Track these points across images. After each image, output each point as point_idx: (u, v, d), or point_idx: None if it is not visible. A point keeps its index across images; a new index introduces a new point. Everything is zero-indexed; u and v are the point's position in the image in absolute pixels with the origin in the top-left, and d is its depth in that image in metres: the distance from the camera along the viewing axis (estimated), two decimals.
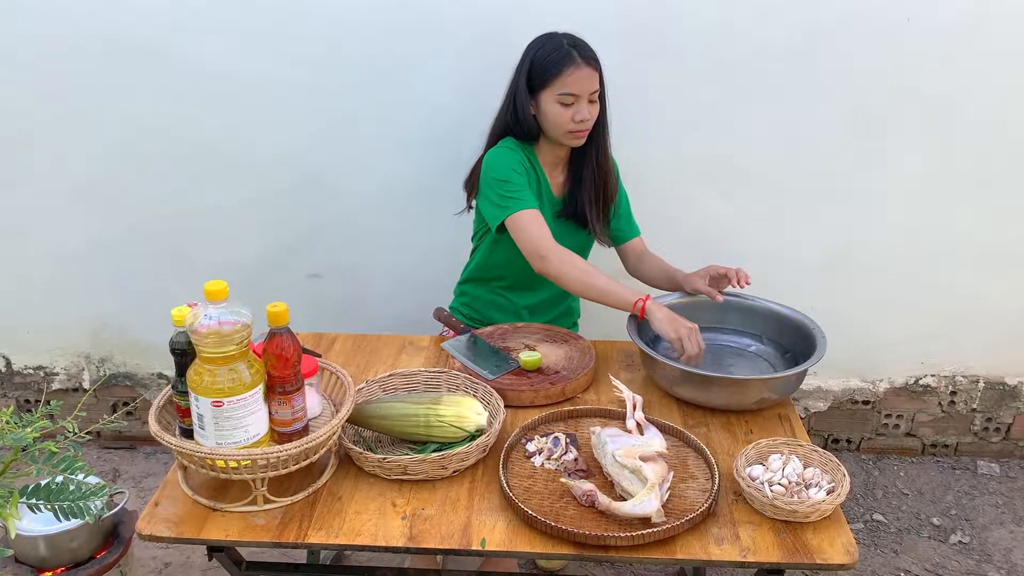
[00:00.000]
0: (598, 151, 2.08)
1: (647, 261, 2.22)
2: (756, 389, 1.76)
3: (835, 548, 1.41)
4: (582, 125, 1.98)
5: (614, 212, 2.20)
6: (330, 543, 1.43)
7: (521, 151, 2.07)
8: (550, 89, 1.96)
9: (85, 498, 1.18)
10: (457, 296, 2.32)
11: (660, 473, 1.48)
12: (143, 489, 2.74)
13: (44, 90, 2.46)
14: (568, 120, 1.97)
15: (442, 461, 1.53)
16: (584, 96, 1.95)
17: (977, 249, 2.63)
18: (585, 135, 2.01)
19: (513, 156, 2.04)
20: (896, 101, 2.43)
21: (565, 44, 1.96)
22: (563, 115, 1.97)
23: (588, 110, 1.97)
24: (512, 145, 2.07)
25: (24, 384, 2.93)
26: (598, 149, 2.08)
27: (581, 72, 1.94)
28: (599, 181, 2.11)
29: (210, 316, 1.37)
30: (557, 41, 1.97)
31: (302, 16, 2.35)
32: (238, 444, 1.43)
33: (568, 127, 1.98)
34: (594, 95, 1.97)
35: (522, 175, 2.03)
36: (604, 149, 2.09)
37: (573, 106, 1.96)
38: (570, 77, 1.94)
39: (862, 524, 2.65)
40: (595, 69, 1.97)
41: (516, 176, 2.01)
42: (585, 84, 1.94)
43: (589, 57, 1.96)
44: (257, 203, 2.59)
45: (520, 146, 2.08)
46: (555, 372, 1.90)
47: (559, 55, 1.95)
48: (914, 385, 2.87)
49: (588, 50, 1.98)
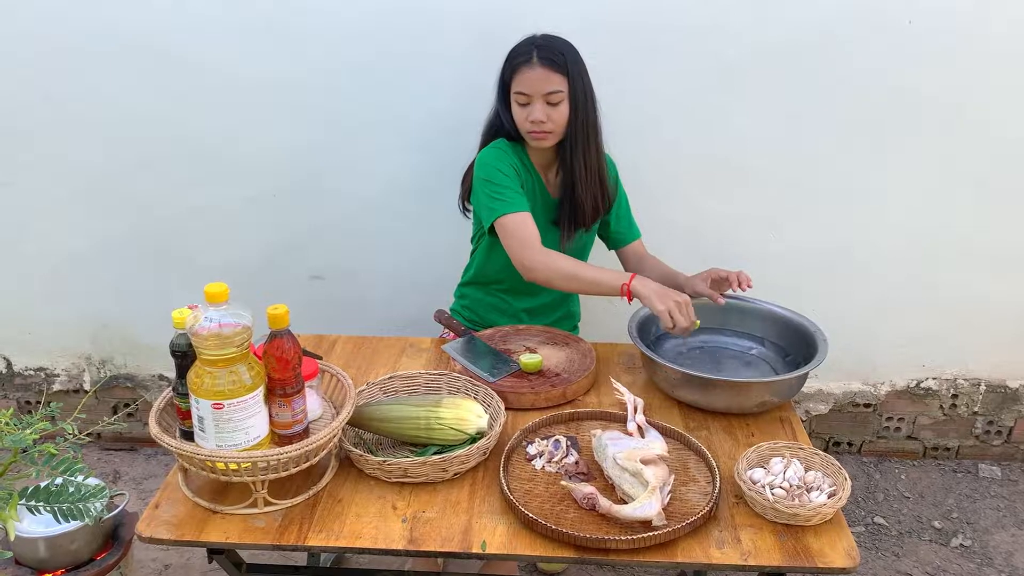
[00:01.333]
0: (585, 154, 2.01)
1: (647, 263, 2.21)
2: (757, 392, 1.76)
3: (836, 551, 1.41)
4: (536, 126, 1.94)
5: (614, 215, 2.19)
6: (330, 546, 1.43)
7: (513, 152, 2.06)
8: (512, 88, 1.96)
9: (85, 500, 1.18)
10: (457, 299, 2.32)
11: (661, 476, 1.48)
12: (144, 491, 2.74)
13: (44, 90, 2.46)
14: (524, 120, 1.96)
15: (442, 464, 1.53)
16: (537, 96, 1.92)
17: (979, 251, 2.63)
18: (545, 136, 1.97)
19: (501, 156, 2.04)
20: (897, 102, 2.43)
21: (532, 43, 1.94)
22: (520, 114, 1.96)
23: (543, 111, 1.93)
24: (503, 146, 2.06)
25: (25, 385, 2.93)
26: (584, 152, 2.01)
27: (533, 72, 1.91)
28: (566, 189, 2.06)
29: (210, 318, 1.36)
30: (528, 41, 1.96)
31: (302, 17, 2.35)
32: (238, 446, 1.43)
33: (525, 127, 1.97)
34: (553, 96, 1.92)
35: (509, 175, 2.02)
36: (590, 151, 2.02)
37: (527, 106, 1.94)
38: (523, 76, 1.93)
39: (863, 527, 2.65)
40: (553, 70, 1.91)
41: (502, 176, 2.00)
42: (537, 84, 1.91)
43: (547, 58, 1.91)
44: (258, 204, 2.59)
45: (512, 147, 2.07)
46: (556, 374, 1.89)
47: (518, 54, 1.95)
48: (915, 388, 2.87)
49: (552, 51, 1.93)
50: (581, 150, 2.01)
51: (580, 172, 2.03)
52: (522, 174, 2.06)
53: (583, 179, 2.04)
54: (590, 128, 2.01)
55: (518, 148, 2.09)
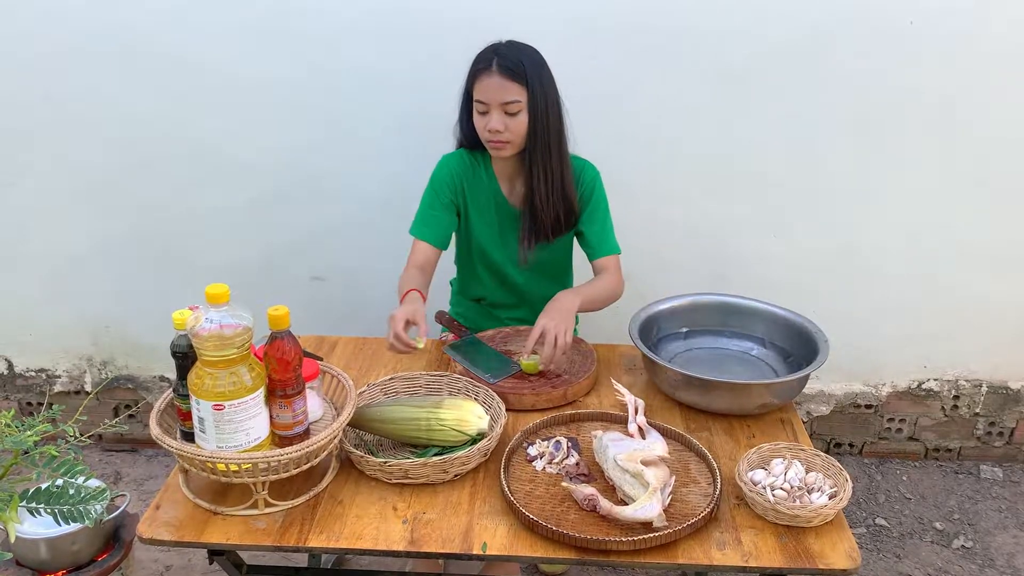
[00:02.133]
0: (545, 165, 1.96)
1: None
2: (758, 393, 1.76)
3: (837, 553, 1.41)
4: (494, 136, 1.91)
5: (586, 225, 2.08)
6: (331, 547, 1.43)
7: (468, 163, 2.06)
8: (473, 95, 1.93)
9: (85, 502, 1.18)
10: (452, 306, 2.33)
11: (662, 477, 1.48)
12: (144, 492, 2.74)
13: (45, 91, 2.46)
14: (483, 129, 1.92)
15: (443, 465, 1.53)
16: (494, 105, 1.88)
17: (980, 251, 2.63)
18: (503, 146, 1.93)
19: (440, 173, 2.06)
20: (897, 102, 2.43)
21: (493, 50, 1.91)
22: (479, 122, 1.93)
23: (501, 121, 1.89)
24: (452, 160, 2.06)
25: (26, 386, 2.93)
26: (545, 163, 1.96)
27: (491, 80, 1.87)
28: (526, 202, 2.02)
29: (211, 319, 1.36)
30: (490, 48, 1.92)
31: (302, 18, 2.35)
32: (239, 448, 1.43)
33: (484, 136, 1.93)
34: (511, 106, 1.88)
35: (439, 193, 2.04)
36: (551, 161, 1.96)
37: (486, 115, 1.90)
38: (481, 84, 1.89)
39: (864, 528, 2.65)
40: (511, 79, 1.87)
41: (431, 196, 2.06)
42: (494, 93, 1.87)
43: (506, 67, 1.87)
44: (258, 205, 2.60)
45: (471, 156, 2.06)
46: (557, 376, 1.89)
47: (478, 61, 1.92)
48: (917, 389, 2.87)
49: (511, 60, 1.88)
50: (541, 160, 1.96)
51: (540, 183, 1.98)
52: (468, 187, 2.05)
53: (542, 191, 1.99)
54: (551, 138, 1.95)
55: (478, 157, 2.07)
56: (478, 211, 2.10)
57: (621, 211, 2.23)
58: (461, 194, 2.08)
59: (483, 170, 2.07)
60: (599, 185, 2.08)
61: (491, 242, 2.12)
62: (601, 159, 2.17)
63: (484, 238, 2.12)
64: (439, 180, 2.07)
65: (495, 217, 2.09)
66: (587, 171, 2.07)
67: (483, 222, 2.10)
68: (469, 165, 2.07)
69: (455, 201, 2.08)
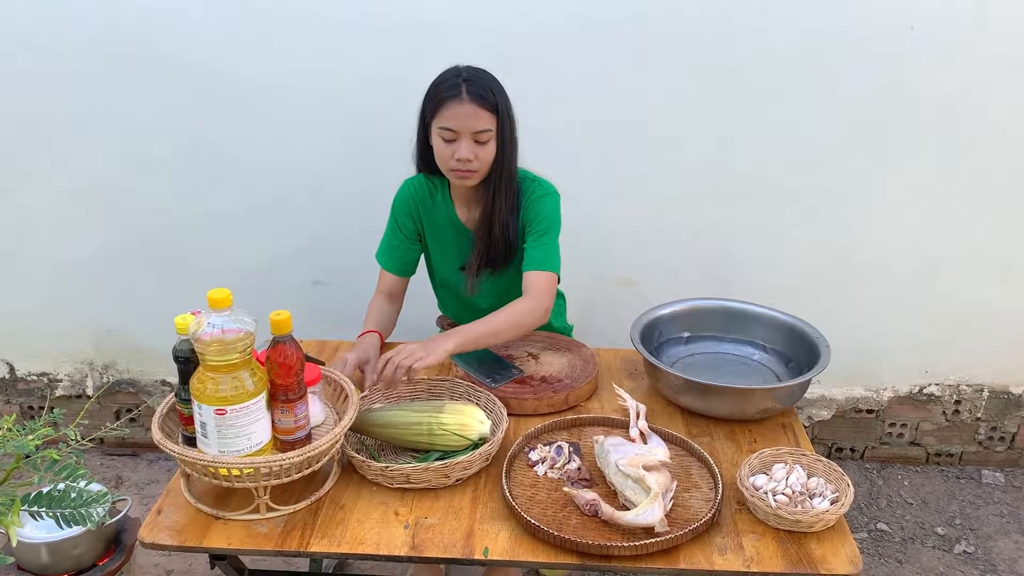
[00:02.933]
0: (507, 192, 1.93)
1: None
2: (760, 398, 1.76)
3: (839, 558, 1.40)
4: (462, 165, 1.84)
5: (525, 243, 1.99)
6: (332, 552, 1.43)
7: (425, 189, 2.04)
8: (435, 121, 1.85)
9: (87, 505, 1.18)
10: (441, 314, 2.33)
11: (663, 482, 1.48)
12: (146, 496, 2.74)
13: (47, 95, 2.47)
14: (449, 157, 1.85)
15: (445, 470, 1.53)
16: (464, 133, 1.82)
17: (981, 256, 2.63)
18: (471, 175, 1.87)
19: (400, 203, 2.06)
20: (898, 107, 2.43)
21: (460, 76, 1.83)
22: (444, 150, 1.86)
23: (471, 149, 1.83)
24: (412, 184, 2.05)
25: (28, 390, 2.93)
26: (507, 191, 1.92)
27: (463, 108, 1.80)
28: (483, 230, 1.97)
29: (213, 324, 1.37)
30: (454, 71, 1.86)
31: (304, 24, 2.36)
32: (241, 452, 1.43)
33: (449, 164, 1.86)
34: (481, 135, 1.82)
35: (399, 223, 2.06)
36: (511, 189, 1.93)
37: (453, 143, 1.84)
38: (449, 111, 1.81)
39: (866, 534, 2.64)
40: (483, 107, 1.81)
41: (392, 226, 2.08)
42: (466, 121, 1.81)
43: (477, 94, 1.80)
44: (260, 210, 2.60)
45: (428, 181, 2.04)
46: (558, 380, 1.89)
47: (445, 87, 1.83)
48: (918, 394, 2.86)
49: (481, 87, 1.82)
50: (504, 189, 1.93)
51: (500, 210, 1.94)
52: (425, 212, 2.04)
53: (502, 217, 1.95)
54: (513, 165, 1.93)
55: (436, 182, 2.04)
56: (434, 236, 2.08)
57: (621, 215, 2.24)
58: (418, 220, 2.06)
59: (440, 195, 2.04)
60: (549, 203, 1.99)
61: (449, 268, 2.10)
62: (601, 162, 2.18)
63: (441, 263, 2.11)
64: (398, 208, 2.06)
65: (452, 242, 2.06)
66: (536, 189, 1.99)
67: (440, 247, 2.09)
68: (427, 191, 2.04)
69: (416, 228, 2.07)
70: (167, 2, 2.33)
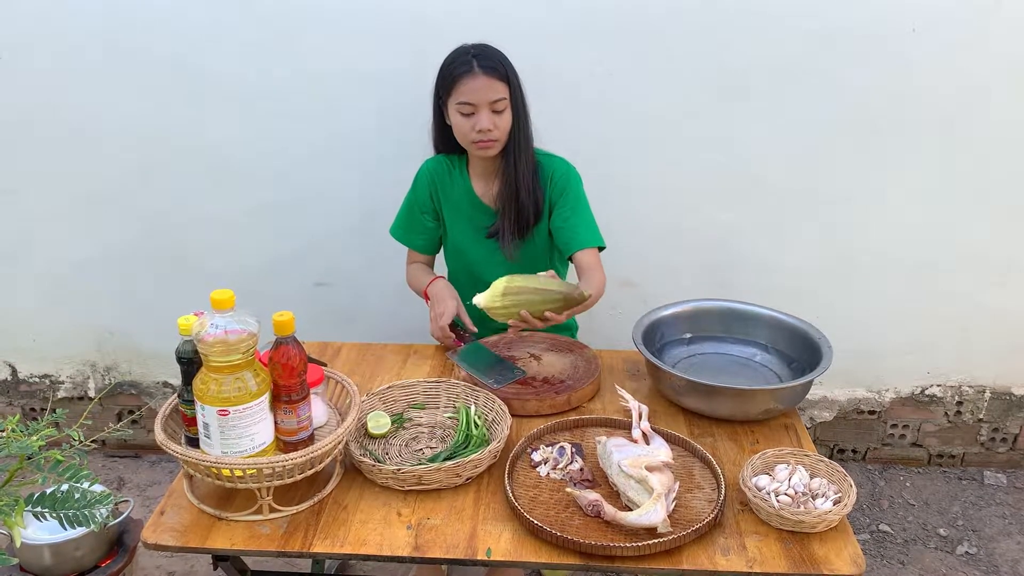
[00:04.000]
0: (526, 159, 2.02)
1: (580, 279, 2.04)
2: (762, 399, 1.76)
3: (842, 559, 1.40)
4: (483, 135, 1.94)
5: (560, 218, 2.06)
6: (335, 552, 1.43)
7: (444, 169, 2.12)
8: (452, 99, 1.95)
9: (90, 506, 1.18)
10: None
11: (666, 483, 1.48)
12: (147, 498, 2.74)
13: (49, 99, 2.47)
14: (470, 130, 1.94)
15: (456, 469, 1.53)
16: (483, 105, 1.91)
17: (983, 258, 2.63)
18: (492, 144, 1.97)
19: (418, 184, 2.14)
20: (899, 109, 2.43)
21: (469, 53, 1.93)
22: (464, 125, 1.95)
23: (490, 120, 1.93)
24: (431, 163, 2.13)
25: (30, 392, 2.93)
26: (526, 157, 2.02)
27: (477, 81, 1.90)
28: (510, 196, 2.04)
29: (216, 325, 1.37)
30: (463, 50, 1.96)
31: (305, 27, 2.36)
32: (244, 453, 1.43)
33: (471, 137, 1.95)
34: (497, 104, 1.92)
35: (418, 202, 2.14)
36: (529, 155, 2.03)
37: (473, 116, 1.93)
38: (466, 86, 1.91)
39: (868, 535, 2.64)
40: (496, 78, 1.91)
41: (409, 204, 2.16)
42: (482, 93, 1.91)
43: (488, 66, 1.91)
44: (262, 212, 2.60)
45: (447, 161, 2.12)
46: (560, 381, 1.89)
47: (457, 64, 1.93)
48: (920, 395, 2.86)
49: (491, 59, 1.93)
50: (524, 156, 2.02)
51: (524, 177, 2.02)
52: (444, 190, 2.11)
53: (527, 183, 2.03)
54: (529, 132, 2.03)
55: (453, 160, 2.12)
56: (453, 212, 2.14)
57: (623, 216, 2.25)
58: (436, 197, 2.14)
59: (457, 171, 2.12)
60: (573, 177, 2.08)
61: (467, 241, 2.15)
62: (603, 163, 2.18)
63: (460, 238, 2.15)
64: (418, 184, 2.15)
65: (470, 217, 2.13)
66: (558, 164, 2.08)
67: (458, 223, 2.14)
68: (446, 168, 2.12)
69: (433, 205, 2.15)
70: (168, 5, 2.34)
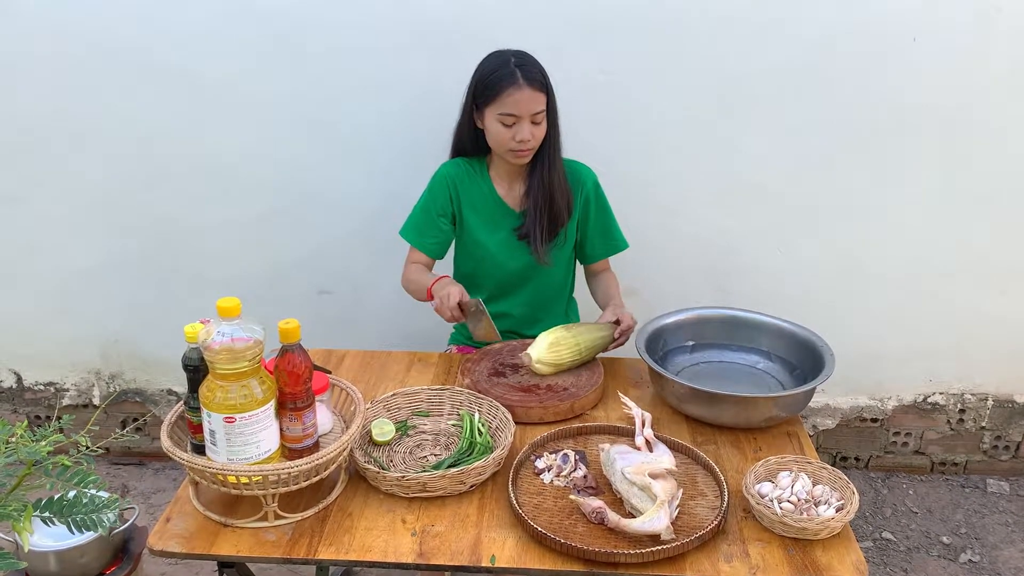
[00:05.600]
0: (548, 169, 2.06)
1: (599, 280, 2.27)
2: (764, 407, 1.76)
3: (845, 566, 1.41)
4: (523, 145, 1.98)
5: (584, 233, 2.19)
6: (340, 559, 1.44)
7: (465, 172, 2.13)
8: (492, 107, 1.97)
9: (97, 511, 1.19)
10: None
11: (669, 490, 1.49)
12: (152, 505, 2.75)
13: (56, 106, 2.48)
14: (509, 139, 1.98)
15: (460, 476, 1.54)
16: (525, 117, 1.95)
17: (985, 265, 2.63)
18: (528, 154, 2.02)
19: (439, 186, 2.13)
20: (900, 117, 2.44)
21: (511, 63, 1.95)
22: (503, 134, 1.98)
23: (529, 130, 1.97)
24: (449, 167, 2.13)
25: (35, 400, 2.94)
26: (548, 167, 2.06)
27: (522, 93, 1.93)
28: (544, 200, 2.08)
29: (223, 332, 1.38)
30: (503, 59, 1.97)
31: (308, 35, 2.37)
32: (249, 460, 1.44)
33: (509, 146, 1.99)
34: (537, 116, 1.97)
35: (435, 204, 2.13)
36: (553, 168, 2.07)
37: (514, 126, 1.96)
38: (510, 98, 1.93)
39: (871, 542, 2.64)
40: (538, 90, 1.95)
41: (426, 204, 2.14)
42: (525, 105, 1.94)
43: (532, 78, 1.94)
44: (266, 220, 2.61)
45: (468, 164, 2.13)
46: (564, 389, 1.90)
47: (502, 74, 1.95)
48: (922, 403, 2.87)
49: (533, 71, 1.96)
50: (557, 163, 2.07)
51: (560, 184, 2.08)
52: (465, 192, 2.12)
53: (562, 189, 2.08)
54: (554, 146, 2.07)
55: (474, 164, 2.14)
56: (476, 214, 2.15)
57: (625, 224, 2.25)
58: (456, 200, 2.14)
59: (478, 175, 2.14)
60: (599, 185, 2.19)
61: (491, 242, 2.16)
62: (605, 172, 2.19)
63: (485, 239, 2.16)
64: (435, 186, 2.15)
65: (494, 219, 2.15)
66: (585, 171, 2.16)
67: (481, 225, 2.16)
68: (466, 172, 2.14)
69: (451, 209, 2.15)
70: (171, 12, 2.35)
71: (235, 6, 2.35)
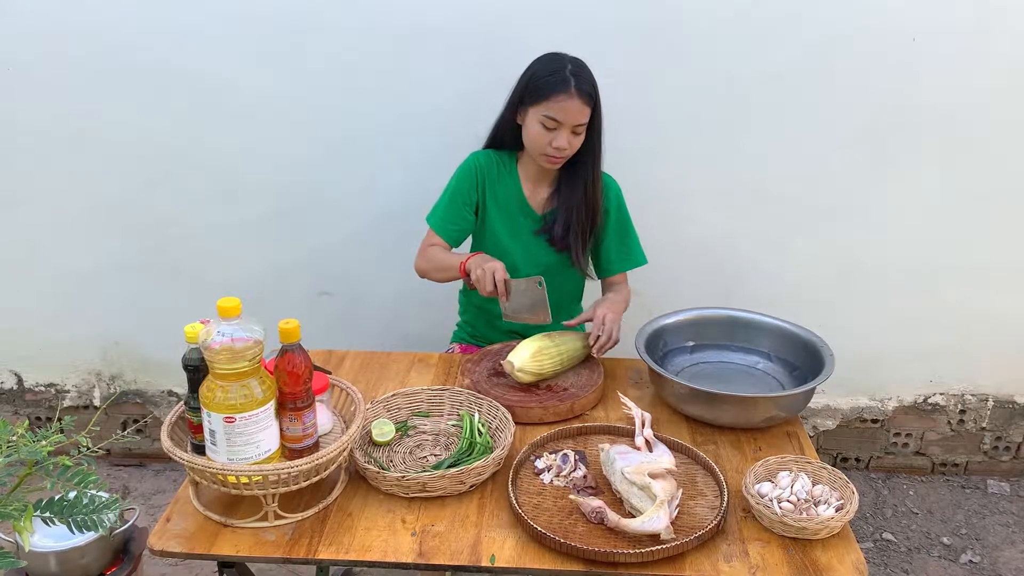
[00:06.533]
0: (588, 182, 2.06)
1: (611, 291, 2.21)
2: (764, 407, 1.76)
3: (844, 566, 1.41)
4: (558, 152, 1.97)
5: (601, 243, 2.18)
6: (340, 559, 1.44)
7: (495, 165, 2.11)
8: (537, 107, 1.95)
9: (98, 511, 1.19)
10: (461, 315, 2.34)
11: (669, 490, 1.49)
12: (152, 506, 2.75)
13: (56, 108, 2.48)
14: (545, 143, 1.97)
15: (460, 476, 1.54)
16: (567, 125, 1.94)
17: (985, 266, 2.63)
18: (560, 161, 2.01)
19: (467, 174, 2.11)
20: (901, 118, 2.45)
21: (567, 69, 1.94)
22: (542, 136, 1.96)
23: (568, 139, 1.96)
24: (480, 157, 2.12)
25: (35, 401, 2.94)
26: (588, 180, 2.06)
27: (572, 103, 1.92)
28: (587, 214, 2.09)
29: (223, 333, 1.38)
30: (560, 63, 1.96)
31: (309, 37, 2.38)
32: (249, 460, 1.44)
33: (544, 150, 1.98)
34: (579, 128, 1.96)
35: (461, 193, 2.11)
36: (594, 181, 2.07)
37: (554, 131, 1.95)
38: (558, 104, 1.92)
39: (871, 543, 2.64)
40: (587, 103, 1.94)
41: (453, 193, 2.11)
42: (571, 115, 1.93)
43: (584, 90, 1.93)
44: (266, 221, 2.61)
45: (498, 157, 2.12)
46: (564, 389, 1.90)
47: (556, 78, 1.93)
48: (923, 404, 2.87)
49: (587, 82, 1.95)
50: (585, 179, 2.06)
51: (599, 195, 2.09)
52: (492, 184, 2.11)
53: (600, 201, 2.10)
54: (596, 160, 2.07)
55: (504, 159, 2.13)
56: (498, 208, 2.14)
57: None
58: (481, 191, 2.13)
59: (507, 171, 2.13)
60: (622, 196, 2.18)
61: (509, 238, 2.16)
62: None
63: (503, 234, 2.16)
64: (462, 176, 2.13)
65: (515, 217, 2.14)
66: (610, 182, 2.16)
67: (503, 220, 2.15)
68: (495, 164, 2.13)
69: (476, 199, 2.13)
70: (171, 12, 2.36)
71: (235, 6, 2.35)
